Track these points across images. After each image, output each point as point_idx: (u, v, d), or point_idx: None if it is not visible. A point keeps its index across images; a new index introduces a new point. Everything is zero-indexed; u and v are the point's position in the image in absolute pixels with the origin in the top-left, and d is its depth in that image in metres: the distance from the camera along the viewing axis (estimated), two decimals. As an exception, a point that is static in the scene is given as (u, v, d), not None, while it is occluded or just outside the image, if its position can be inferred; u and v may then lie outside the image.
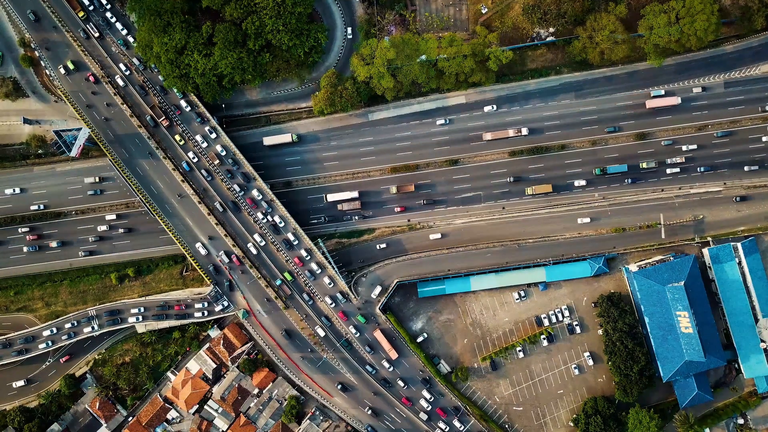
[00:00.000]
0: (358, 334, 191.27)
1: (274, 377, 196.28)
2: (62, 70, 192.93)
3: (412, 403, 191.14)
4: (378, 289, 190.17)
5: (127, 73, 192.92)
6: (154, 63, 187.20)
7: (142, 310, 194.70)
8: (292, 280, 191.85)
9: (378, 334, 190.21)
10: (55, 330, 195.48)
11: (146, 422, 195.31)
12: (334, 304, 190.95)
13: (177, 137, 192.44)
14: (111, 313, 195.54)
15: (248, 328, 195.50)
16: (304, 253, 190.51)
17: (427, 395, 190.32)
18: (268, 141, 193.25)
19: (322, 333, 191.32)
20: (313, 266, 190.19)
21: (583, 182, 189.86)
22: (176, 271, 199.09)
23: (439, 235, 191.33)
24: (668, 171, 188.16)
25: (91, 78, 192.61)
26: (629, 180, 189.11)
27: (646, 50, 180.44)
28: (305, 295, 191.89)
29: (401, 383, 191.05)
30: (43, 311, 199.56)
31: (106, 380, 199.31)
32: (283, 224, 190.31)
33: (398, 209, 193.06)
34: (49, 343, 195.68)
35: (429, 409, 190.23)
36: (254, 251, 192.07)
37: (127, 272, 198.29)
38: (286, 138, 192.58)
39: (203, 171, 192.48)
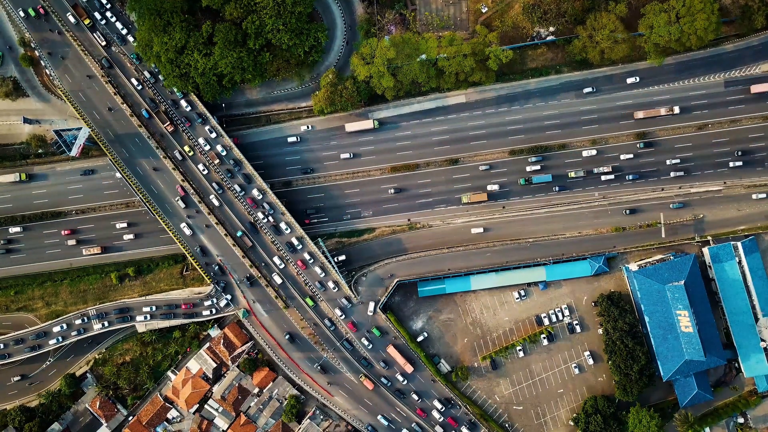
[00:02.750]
0: (371, 345, 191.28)
1: (275, 376, 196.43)
2: (21, 13, 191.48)
3: (426, 414, 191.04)
4: (371, 305, 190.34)
5: (139, 87, 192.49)
6: (154, 63, 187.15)
7: (153, 309, 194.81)
8: (314, 305, 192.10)
9: (392, 350, 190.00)
10: (65, 326, 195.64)
11: (146, 422, 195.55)
12: (343, 316, 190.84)
13: (186, 148, 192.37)
14: (120, 311, 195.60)
15: (248, 328, 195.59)
16: (307, 256, 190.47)
17: (438, 405, 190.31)
18: (350, 127, 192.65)
19: (279, 280, 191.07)
20: (317, 270, 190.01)
21: (495, 187, 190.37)
22: (176, 271, 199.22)
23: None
24: (603, 178, 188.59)
25: (41, 9, 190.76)
26: (557, 188, 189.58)
27: (647, 49, 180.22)
28: (326, 321, 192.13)
29: (415, 396, 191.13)
30: (43, 311, 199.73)
31: (107, 380, 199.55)
32: (288, 229, 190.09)
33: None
34: (59, 339, 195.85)
35: (441, 420, 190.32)
36: (277, 279, 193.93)
37: (128, 272, 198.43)
38: (368, 124, 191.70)
39: (214, 184, 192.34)
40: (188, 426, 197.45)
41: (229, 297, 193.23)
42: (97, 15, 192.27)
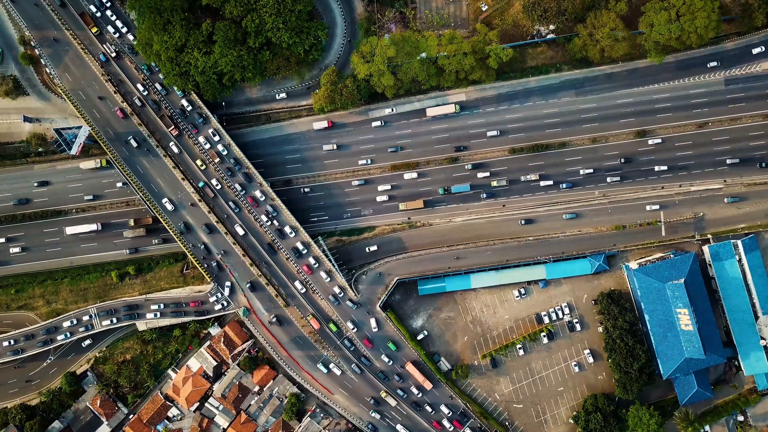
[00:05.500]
0: (391, 362, 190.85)
1: (275, 375, 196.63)
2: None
3: (442, 427, 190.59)
4: (373, 320, 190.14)
5: (145, 93, 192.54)
6: (154, 61, 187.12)
7: (162, 306, 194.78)
8: (337, 331, 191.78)
9: (410, 367, 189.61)
10: (74, 321, 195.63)
11: (147, 420, 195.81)
12: (356, 329, 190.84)
13: (198, 162, 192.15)
14: (129, 308, 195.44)
15: (249, 326, 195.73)
16: (312, 260, 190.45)
17: (446, 411, 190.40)
18: (431, 112, 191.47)
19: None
20: (322, 274, 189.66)
21: (384, 194, 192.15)
22: (177, 269, 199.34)
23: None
24: (542, 184, 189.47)
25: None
26: (484, 195, 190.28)
27: (647, 47, 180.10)
28: (345, 341, 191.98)
29: (429, 408, 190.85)
30: (43, 309, 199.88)
31: (107, 378, 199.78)
32: (293, 234, 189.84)
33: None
34: (67, 334, 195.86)
35: (452, 429, 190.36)
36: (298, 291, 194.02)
37: (128, 270, 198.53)
38: (449, 109, 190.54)
39: (230, 203, 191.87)
40: (189, 424, 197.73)
41: (228, 284, 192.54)
42: (111, 29, 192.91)
